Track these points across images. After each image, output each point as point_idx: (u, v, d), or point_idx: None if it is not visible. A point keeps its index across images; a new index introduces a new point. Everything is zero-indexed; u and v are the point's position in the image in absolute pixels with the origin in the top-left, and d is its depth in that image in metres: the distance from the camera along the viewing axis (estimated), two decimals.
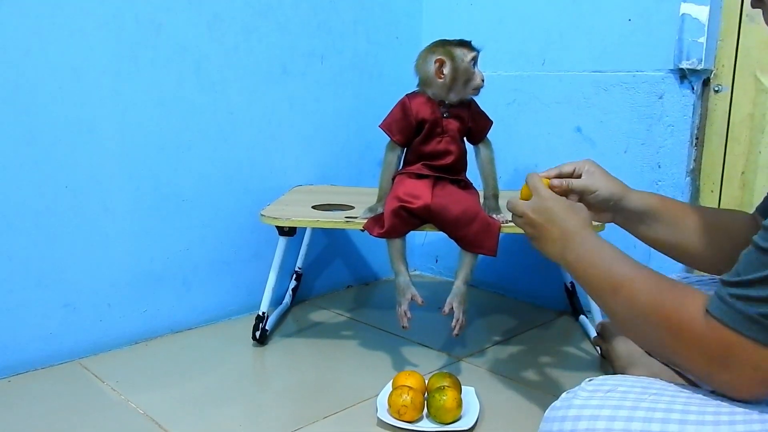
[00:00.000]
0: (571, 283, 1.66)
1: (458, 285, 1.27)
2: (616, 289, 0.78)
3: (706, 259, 0.97)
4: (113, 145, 1.37)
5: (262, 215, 1.37)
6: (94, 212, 1.36)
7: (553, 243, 0.90)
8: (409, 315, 1.26)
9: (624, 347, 1.23)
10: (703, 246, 0.95)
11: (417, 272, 2.04)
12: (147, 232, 1.44)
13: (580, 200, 0.99)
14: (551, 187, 0.97)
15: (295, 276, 1.73)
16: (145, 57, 1.39)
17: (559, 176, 0.99)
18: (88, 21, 1.30)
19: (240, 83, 1.56)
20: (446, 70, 1.25)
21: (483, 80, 1.26)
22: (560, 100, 1.67)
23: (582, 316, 1.62)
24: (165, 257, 1.48)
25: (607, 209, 1.01)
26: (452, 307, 1.26)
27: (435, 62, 1.25)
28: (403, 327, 1.27)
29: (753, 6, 0.75)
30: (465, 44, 1.26)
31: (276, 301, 1.64)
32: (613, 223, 1.05)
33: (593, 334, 1.50)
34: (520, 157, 1.75)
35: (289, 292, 1.71)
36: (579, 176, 1.00)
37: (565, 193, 0.97)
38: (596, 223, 1.10)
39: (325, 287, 1.84)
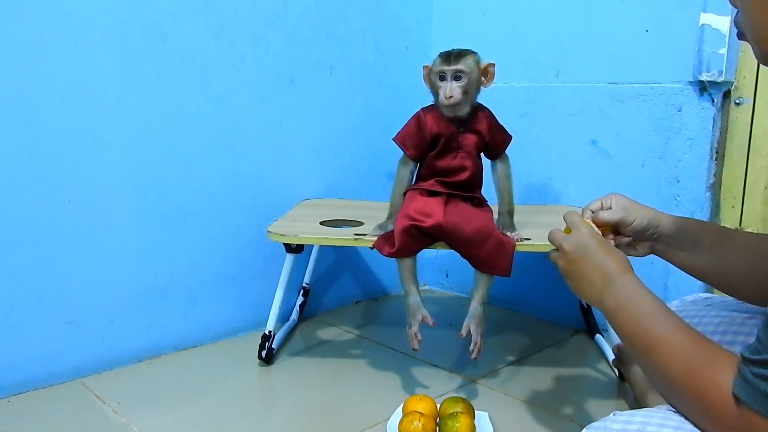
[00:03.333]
0: None
1: (474, 306, 1.22)
2: (650, 351, 0.73)
3: (750, 288, 0.91)
4: (117, 157, 1.34)
5: (268, 232, 1.33)
6: (98, 227, 1.33)
7: (591, 284, 0.83)
8: (419, 337, 1.22)
9: (642, 375, 1.18)
10: (746, 272, 0.89)
11: (427, 287, 2.00)
12: (151, 246, 1.41)
13: (616, 233, 0.95)
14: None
15: (302, 292, 1.69)
16: (151, 67, 1.36)
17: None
18: (92, 31, 1.27)
19: (247, 94, 1.53)
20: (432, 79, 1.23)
21: (447, 98, 1.19)
22: (575, 112, 1.63)
23: (598, 335, 1.57)
24: (170, 273, 1.45)
25: (646, 239, 0.95)
26: (470, 330, 1.21)
27: (423, 69, 1.25)
28: (413, 349, 1.22)
29: (739, 38, 0.70)
30: (443, 55, 1.21)
31: (283, 318, 1.60)
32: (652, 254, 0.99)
33: (610, 353, 1.46)
34: (533, 170, 1.71)
35: (297, 308, 1.67)
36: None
37: (602, 226, 0.92)
38: None
39: (334, 303, 1.80)
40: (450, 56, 1.20)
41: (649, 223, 0.94)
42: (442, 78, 1.20)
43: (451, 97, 1.18)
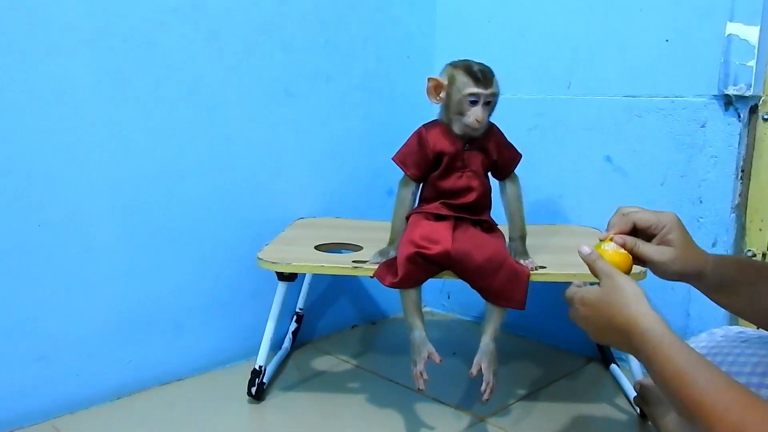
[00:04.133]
0: None
1: (486, 342, 1.12)
2: (692, 415, 0.65)
3: None
4: (97, 175, 1.23)
5: (259, 259, 1.22)
6: (73, 251, 1.22)
7: (618, 344, 0.78)
8: (425, 377, 1.11)
9: (671, 417, 1.08)
10: None
11: (428, 309, 1.89)
12: (133, 272, 1.30)
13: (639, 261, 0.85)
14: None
15: (295, 317, 1.58)
16: (136, 78, 1.26)
17: (634, 228, 0.84)
18: (71, 39, 1.17)
19: (239, 106, 1.42)
20: (442, 95, 1.12)
21: (479, 122, 1.10)
22: (588, 127, 1.53)
23: (613, 365, 1.47)
24: (154, 300, 1.34)
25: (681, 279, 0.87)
26: (480, 368, 1.10)
27: (429, 81, 1.13)
28: (418, 389, 1.11)
29: None
30: (475, 76, 1.09)
31: (275, 346, 1.48)
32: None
33: (626, 385, 1.36)
34: (543, 188, 1.61)
35: (289, 335, 1.56)
36: (653, 235, 0.84)
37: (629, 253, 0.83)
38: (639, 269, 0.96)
39: (329, 328, 1.69)
40: (482, 79, 1.09)
41: (683, 271, 0.85)
42: (474, 102, 1.10)
43: (480, 122, 1.10)
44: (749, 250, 1.35)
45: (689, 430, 0.99)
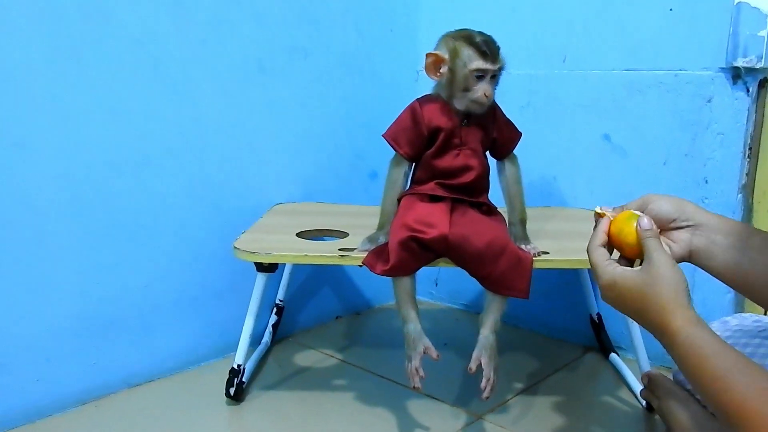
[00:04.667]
0: (598, 314, 1.44)
1: (485, 335, 1.02)
2: (734, 422, 0.62)
3: None
4: (50, 163, 1.10)
5: (236, 248, 1.11)
6: (26, 247, 1.09)
7: (648, 329, 0.73)
8: (421, 374, 1.01)
9: (685, 413, 1.01)
10: None
11: None
12: (96, 267, 1.18)
13: None
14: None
15: (275, 310, 1.48)
16: (91, 53, 1.13)
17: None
18: (17, 9, 1.04)
19: (208, 84, 1.31)
20: (443, 70, 1.03)
21: (487, 97, 1.01)
22: (585, 103, 1.44)
23: (612, 354, 1.40)
24: (119, 297, 1.22)
25: (679, 227, 0.80)
26: (480, 363, 1.01)
27: (427, 57, 1.03)
28: (414, 388, 1.02)
29: None
30: (481, 50, 1.00)
31: (254, 341, 1.38)
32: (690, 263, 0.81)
33: (629, 376, 1.30)
34: (536, 168, 1.52)
35: (269, 328, 1.45)
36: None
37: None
38: None
39: (311, 320, 1.59)
40: (489, 52, 1.00)
41: (676, 211, 0.80)
42: (480, 77, 1.01)
43: (489, 97, 1.02)
44: None
45: (710, 429, 0.93)
